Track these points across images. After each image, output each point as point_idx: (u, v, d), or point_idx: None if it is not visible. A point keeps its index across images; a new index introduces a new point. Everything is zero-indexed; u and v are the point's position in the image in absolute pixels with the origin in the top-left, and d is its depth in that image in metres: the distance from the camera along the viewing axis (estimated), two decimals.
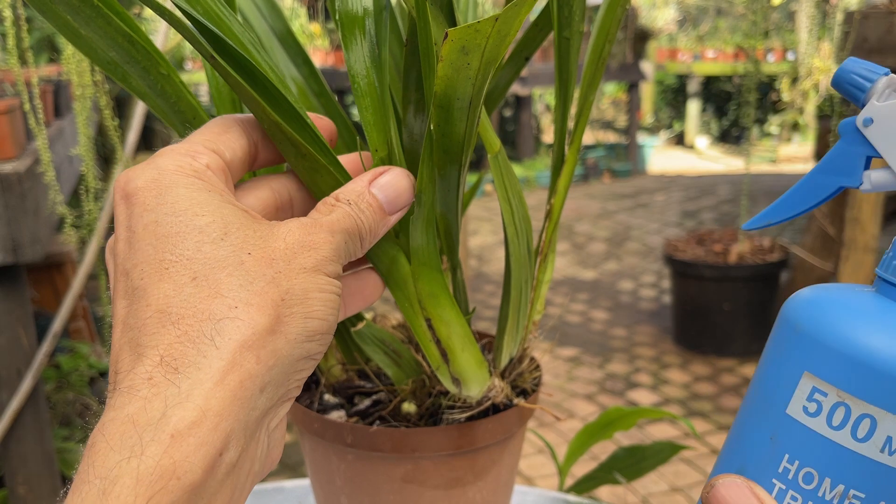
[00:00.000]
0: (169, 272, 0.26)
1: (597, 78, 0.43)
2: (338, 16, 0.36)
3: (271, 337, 0.27)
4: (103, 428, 0.24)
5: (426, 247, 0.38)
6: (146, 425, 0.24)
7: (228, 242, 0.27)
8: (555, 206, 0.45)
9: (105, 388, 1.23)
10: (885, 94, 0.29)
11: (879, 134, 0.28)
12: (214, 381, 0.25)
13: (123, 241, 0.28)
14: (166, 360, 0.25)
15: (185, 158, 0.29)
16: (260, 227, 0.29)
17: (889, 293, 0.27)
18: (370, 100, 0.36)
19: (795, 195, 0.31)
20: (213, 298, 0.26)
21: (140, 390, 0.25)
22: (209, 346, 0.25)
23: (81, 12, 0.30)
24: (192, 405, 0.24)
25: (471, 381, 0.42)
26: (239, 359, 0.26)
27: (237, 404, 0.25)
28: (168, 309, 0.26)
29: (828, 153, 0.30)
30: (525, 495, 0.70)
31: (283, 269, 0.28)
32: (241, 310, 0.26)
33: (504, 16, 0.27)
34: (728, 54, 6.73)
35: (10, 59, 1.14)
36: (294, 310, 0.28)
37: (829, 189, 0.30)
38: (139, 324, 0.26)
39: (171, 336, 0.25)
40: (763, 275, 2.81)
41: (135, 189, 0.28)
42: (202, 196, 0.28)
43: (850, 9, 2.40)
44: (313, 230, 0.29)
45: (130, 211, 0.28)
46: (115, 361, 0.26)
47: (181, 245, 0.27)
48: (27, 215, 1.27)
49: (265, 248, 0.28)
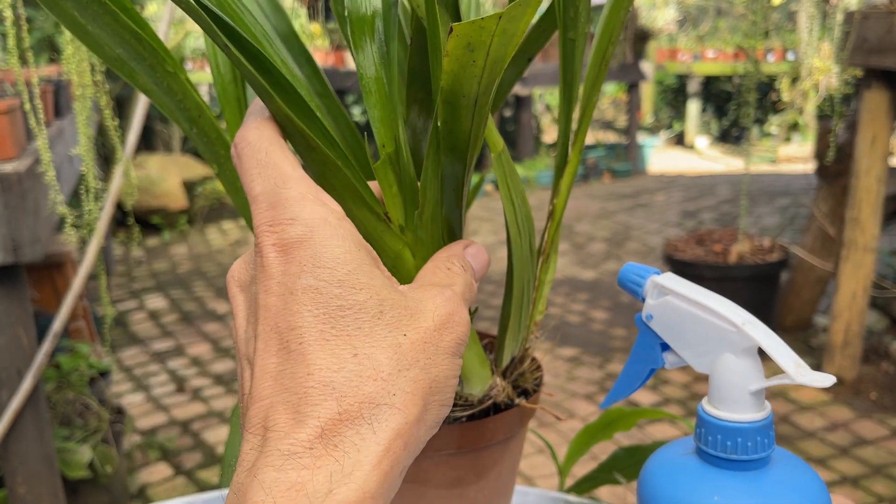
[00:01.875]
0: (330, 344, 0.28)
1: (600, 79, 0.43)
2: (346, 14, 0.36)
3: (417, 426, 0.29)
4: (266, 485, 0.26)
5: (431, 242, 0.38)
6: (314, 496, 0.26)
7: (385, 322, 0.29)
8: (557, 206, 0.45)
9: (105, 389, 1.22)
10: (654, 293, 0.34)
11: (659, 326, 0.34)
12: (372, 465, 0.27)
13: (277, 297, 0.29)
14: (327, 435, 0.27)
15: (323, 208, 0.30)
16: (409, 302, 0.30)
17: (703, 456, 0.32)
18: (378, 96, 0.37)
19: (624, 380, 0.36)
20: (373, 381, 0.28)
21: (301, 457, 0.26)
22: (368, 429, 0.27)
23: (89, 9, 0.30)
24: (354, 485, 0.26)
25: (472, 379, 0.42)
26: (393, 445, 0.28)
27: (385, 486, 0.27)
28: (331, 383, 0.27)
29: (634, 344, 0.36)
30: (525, 495, 0.70)
31: (432, 354, 0.30)
32: (398, 398, 0.28)
33: (508, 14, 0.27)
34: (728, 54, 6.74)
35: (10, 59, 1.14)
36: (436, 398, 0.30)
37: (644, 373, 0.36)
38: (301, 390, 0.27)
39: (333, 411, 0.27)
40: (763, 275, 2.82)
41: (290, 242, 0.29)
42: (355, 261, 0.30)
43: (850, 9, 2.40)
44: (455, 305, 0.32)
45: (286, 267, 0.29)
46: (266, 417, 0.28)
47: (342, 321, 0.28)
48: (27, 215, 1.27)
49: (417, 328, 0.30)
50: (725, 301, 0.32)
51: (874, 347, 2.77)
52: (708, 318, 0.31)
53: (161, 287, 3.72)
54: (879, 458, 2.18)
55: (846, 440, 2.27)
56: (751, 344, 0.30)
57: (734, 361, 0.31)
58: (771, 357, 0.30)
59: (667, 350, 0.34)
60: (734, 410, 0.31)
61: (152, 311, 3.41)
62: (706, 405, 0.32)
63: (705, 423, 0.32)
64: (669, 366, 0.34)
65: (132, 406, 2.51)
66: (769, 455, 0.31)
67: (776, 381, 0.30)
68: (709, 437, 0.31)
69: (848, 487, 2.04)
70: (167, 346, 3.02)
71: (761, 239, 2.97)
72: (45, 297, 2.17)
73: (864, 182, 2.41)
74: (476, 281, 0.36)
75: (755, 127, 6.88)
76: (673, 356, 0.34)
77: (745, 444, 0.31)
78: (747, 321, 0.31)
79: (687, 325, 0.32)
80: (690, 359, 0.33)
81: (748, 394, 0.31)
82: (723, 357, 0.31)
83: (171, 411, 2.50)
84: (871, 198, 2.42)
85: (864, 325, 2.59)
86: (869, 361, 2.70)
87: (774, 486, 0.31)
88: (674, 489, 0.31)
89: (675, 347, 0.33)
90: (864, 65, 2.35)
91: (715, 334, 0.31)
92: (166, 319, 3.31)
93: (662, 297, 0.33)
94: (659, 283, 0.34)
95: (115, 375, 2.70)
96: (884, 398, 2.49)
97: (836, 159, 2.58)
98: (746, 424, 0.31)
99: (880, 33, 2.25)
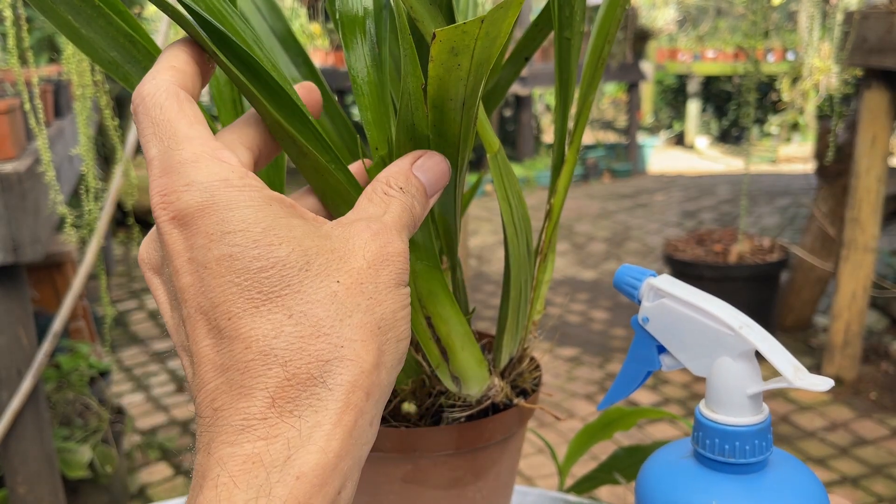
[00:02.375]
0: (260, 311, 0.26)
1: (596, 78, 0.43)
2: (338, 15, 0.36)
3: (376, 371, 0.27)
4: (222, 461, 0.25)
5: (425, 244, 0.38)
6: (272, 466, 0.25)
7: (313, 273, 0.27)
8: (555, 205, 0.45)
9: (105, 389, 1.23)
10: (650, 295, 0.34)
11: (655, 329, 0.34)
12: (333, 423, 0.26)
13: (190, 275, 0.27)
14: (278, 403, 0.25)
15: (221, 167, 0.27)
16: (335, 245, 0.28)
17: (700, 459, 0.32)
18: (371, 99, 0.36)
19: (622, 382, 0.36)
20: (316, 338, 0.26)
21: (256, 429, 0.25)
22: (321, 387, 0.26)
23: (83, 12, 0.30)
24: (314, 447, 0.25)
25: (471, 379, 0.42)
26: (352, 398, 0.26)
27: (352, 443, 0.26)
28: (272, 351, 0.26)
29: (631, 346, 0.36)
30: (525, 495, 0.70)
31: (372, 293, 0.28)
32: (347, 348, 0.26)
33: (491, 17, 0.27)
34: (728, 54, 6.73)
35: (10, 59, 1.14)
36: (388, 335, 0.28)
37: (641, 375, 0.36)
38: (240, 366, 0.26)
39: (280, 377, 0.26)
40: (763, 275, 2.81)
41: (189, 212, 0.27)
42: (268, 217, 0.27)
43: (850, 9, 2.40)
44: (386, 238, 0.29)
45: (191, 241, 0.27)
46: (211, 400, 0.26)
47: (268, 283, 0.26)
48: (27, 215, 1.27)
49: (349, 271, 0.28)
50: (722, 304, 0.32)
51: (874, 347, 2.77)
52: (704, 321, 0.31)
53: None
54: (879, 458, 2.18)
55: (846, 440, 2.27)
56: (748, 347, 0.30)
57: (731, 365, 0.31)
58: (768, 360, 0.30)
59: (664, 353, 0.34)
60: (732, 414, 0.31)
61: (152, 311, 3.41)
62: (704, 408, 0.32)
63: (703, 426, 0.31)
64: (666, 368, 0.34)
65: (132, 406, 2.51)
66: (767, 458, 0.31)
67: (774, 384, 0.30)
68: (706, 440, 0.31)
69: (848, 487, 2.04)
70: (167, 346, 3.02)
71: (761, 239, 2.97)
72: (45, 297, 2.17)
73: (864, 182, 2.41)
74: (430, 195, 0.33)
75: (755, 127, 6.88)
76: (670, 359, 0.34)
77: (742, 447, 0.30)
78: (744, 324, 0.30)
79: (683, 328, 0.32)
80: (687, 362, 0.33)
81: (746, 397, 0.31)
82: (720, 360, 0.31)
83: (171, 411, 2.50)
84: (871, 198, 2.42)
85: (864, 325, 2.59)
86: (869, 361, 2.69)
87: (772, 488, 0.30)
88: (672, 493, 0.31)
89: (672, 350, 0.33)
90: (863, 65, 2.35)
91: (712, 337, 0.31)
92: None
93: (658, 300, 0.33)
94: (655, 286, 0.33)
95: (115, 375, 2.70)
96: (884, 398, 2.49)
97: (836, 159, 2.57)
98: (744, 428, 0.31)
99: (880, 33, 2.25)
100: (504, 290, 0.45)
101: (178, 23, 0.29)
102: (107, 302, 1.48)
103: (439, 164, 0.34)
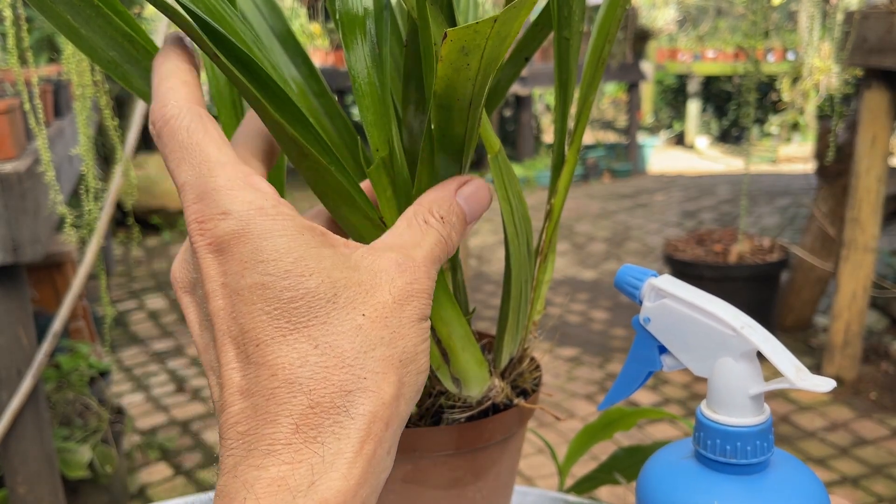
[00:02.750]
0: (287, 340, 0.27)
1: (597, 78, 0.43)
2: (338, 16, 0.36)
3: (395, 403, 0.28)
4: (248, 484, 0.26)
5: None
6: (297, 489, 0.26)
7: (340, 305, 0.28)
8: (555, 205, 0.45)
9: (105, 389, 1.23)
10: (651, 296, 0.33)
11: (657, 329, 0.34)
12: (355, 451, 0.27)
13: (222, 299, 0.28)
14: (303, 429, 0.26)
15: (255, 195, 0.28)
16: (362, 277, 0.29)
17: (702, 460, 0.32)
18: (371, 99, 0.36)
19: (622, 382, 0.36)
20: (339, 369, 0.27)
21: (281, 454, 0.26)
22: (344, 416, 0.27)
23: (82, 12, 0.30)
24: (337, 474, 0.26)
25: (471, 380, 0.42)
26: (373, 428, 0.27)
27: (371, 470, 0.27)
28: (297, 380, 0.27)
29: (632, 346, 0.35)
30: (525, 495, 0.70)
31: (396, 327, 0.29)
32: (370, 380, 0.27)
33: (503, 17, 0.27)
34: (728, 54, 6.74)
35: (10, 59, 1.14)
36: (409, 369, 0.29)
37: (642, 376, 0.35)
38: (266, 392, 0.27)
39: (304, 405, 0.27)
40: (763, 275, 2.81)
41: (225, 240, 0.28)
42: (300, 247, 0.28)
43: (850, 9, 2.40)
44: (414, 274, 0.30)
45: (227, 267, 0.28)
46: (236, 423, 0.27)
47: (296, 313, 0.27)
48: (27, 215, 1.27)
49: (375, 305, 0.29)
50: (723, 304, 0.32)
51: (874, 347, 2.77)
52: (706, 321, 0.31)
53: (161, 287, 3.72)
54: (879, 458, 2.18)
55: (846, 440, 2.27)
56: (749, 348, 0.30)
57: (733, 365, 0.31)
58: (770, 361, 0.30)
59: (665, 353, 0.34)
60: (733, 414, 0.31)
61: (152, 311, 3.41)
62: (705, 409, 0.32)
63: (704, 427, 0.31)
64: (667, 369, 0.34)
65: (132, 406, 2.51)
66: (768, 458, 0.31)
67: (775, 385, 0.30)
68: (707, 441, 0.31)
69: (848, 487, 2.04)
70: (167, 346, 3.02)
71: (761, 239, 2.97)
72: (45, 297, 2.17)
73: (864, 182, 2.41)
74: (469, 223, 0.34)
75: (755, 127, 6.88)
76: (671, 359, 0.34)
77: (744, 448, 0.30)
78: (746, 325, 0.30)
79: (685, 328, 0.32)
80: (689, 362, 0.33)
81: (747, 398, 0.31)
82: (721, 361, 0.31)
83: (171, 411, 2.50)
84: (871, 198, 2.42)
85: (864, 325, 2.59)
86: (869, 361, 2.69)
87: (773, 489, 0.30)
88: (672, 493, 0.31)
89: (673, 351, 0.33)
90: (863, 65, 2.35)
91: (713, 338, 0.31)
92: (166, 319, 3.31)
93: (660, 300, 0.33)
94: (656, 286, 0.33)
95: (115, 375, 2.70)
96: (884, 398, 2.49)
97: (836, 159, 2.57)
98: (745, 428, 0.31)
99: (880, 33, 2.25)
100: (504, 290, 0.45)
101: (177, 24, 0.29)
102: (107, 302, 1.48)
103: (481, 190, 0.35)
